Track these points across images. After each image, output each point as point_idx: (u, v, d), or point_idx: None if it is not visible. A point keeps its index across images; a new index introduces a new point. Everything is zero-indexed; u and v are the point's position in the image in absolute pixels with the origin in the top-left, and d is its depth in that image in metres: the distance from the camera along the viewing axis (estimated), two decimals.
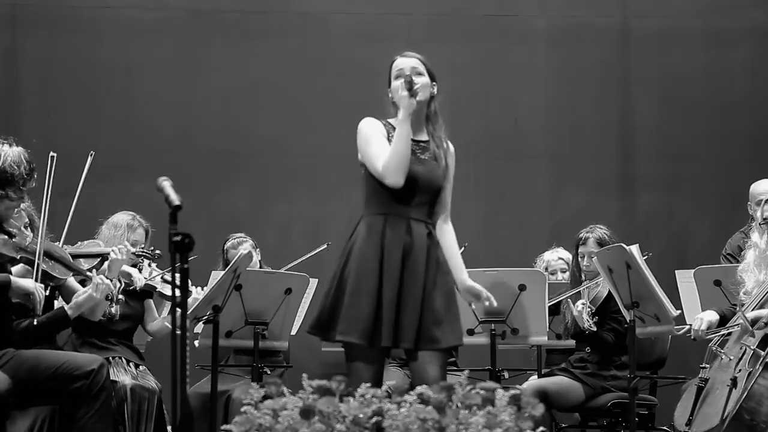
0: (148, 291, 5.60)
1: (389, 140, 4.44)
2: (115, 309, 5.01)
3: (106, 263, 5.23)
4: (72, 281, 5.31)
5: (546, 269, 6.33)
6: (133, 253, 5.42)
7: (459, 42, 7.85)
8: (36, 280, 4.85)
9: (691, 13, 8.02)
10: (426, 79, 4.50)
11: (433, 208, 4.48)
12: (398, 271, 4.33)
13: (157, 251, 5.46)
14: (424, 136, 4.52)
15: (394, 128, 4.44)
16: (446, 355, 4.42)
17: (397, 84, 4.46)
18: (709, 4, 8.04)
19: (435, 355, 4.31)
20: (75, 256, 5.13)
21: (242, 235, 6.50)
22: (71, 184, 7.43)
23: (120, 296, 4.99)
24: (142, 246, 5.59)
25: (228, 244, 6.42)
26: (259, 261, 6.53)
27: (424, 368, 4.29)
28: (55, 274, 4.95)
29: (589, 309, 5.76)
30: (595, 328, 5.73)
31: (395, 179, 4.36)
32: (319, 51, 7.88)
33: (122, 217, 5.78)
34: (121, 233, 5.64)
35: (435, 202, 4.48)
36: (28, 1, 7.79)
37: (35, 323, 4.84)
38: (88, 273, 5.07)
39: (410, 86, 4.40)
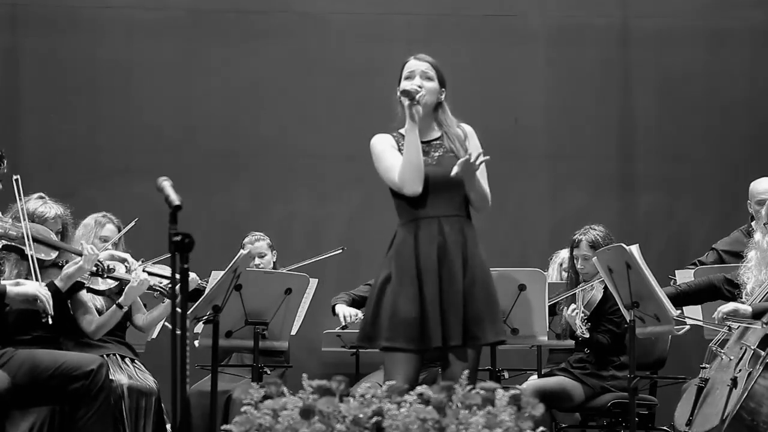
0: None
1: (400, 151, 4.48)
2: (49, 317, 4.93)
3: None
4: (85, 295, 5.33)
5: (560, 265, 6.36)
6: (151, 287, 5.42)
7: (459, 42, 7.85)
8: (35, 273, 4.82)
9: (691, 13, 8.02)
10: (434, 84, 4.52)
11: (464, 199, 4.52)
12: (436, 271, 4.39)
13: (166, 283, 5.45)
14: (434, 134, 4.54)
15: (404, 137, 4.48)
16: (479, 353, 4.48)
17: (406, 84, 4.50)
18: (709, 4, 8.04)
19: (473, 352, 4.40)
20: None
21: (260, 234, 6.53)
22: (71, 184, 7.46)
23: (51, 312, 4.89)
24: (160, 282, 5.52)
25: (246, 239, 6.46)
26: (274, 262, 6.54)
27: (461, 365, 4.33)
28: (41, 257, 4.94)
29: (582, 314, 5.76)
30: (587, 335, 5.74)
31: (412, 188, 4.42)
32: (319, 51, 7.88)
33: (92, 216, 5.73)
34: (89, 231, 5.60)
35: (463, 192, 4.50)
36: (28, 1, 7.79)
37: (50, 322, 4.80)
38: (76, 249, 5.07)
39: (410, 96, 4.42)
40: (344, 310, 6.12)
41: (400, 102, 4.51)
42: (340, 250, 6.55)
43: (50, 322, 4.74)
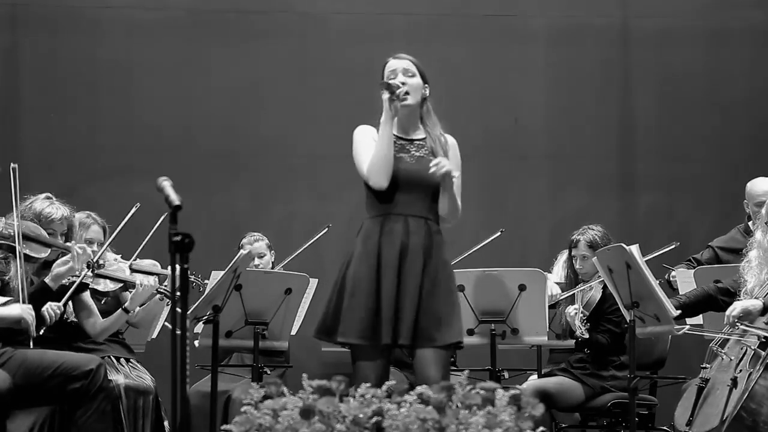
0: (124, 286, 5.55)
1: None
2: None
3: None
4: (86, 296, 5.32)
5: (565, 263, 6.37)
6: (157, 290, 5.42)
7: (459, 42, 7.85)
8: (20, 267, 4.83)
9: (691, 13, 8.02)
10: (417, 80, 4.53)
11: (434, 203, 4.49)
12: (395, 269, 4.37)
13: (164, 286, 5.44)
14: (420, 134, 4.54)
15: None
16: (448, 354, 4.44)
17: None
18: (709, 4, 8.04)
19: (435, 354, 4.34)
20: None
21: (259, 234, 6.52)
22: (71, 184, 7.46)
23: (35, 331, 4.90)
24: (116, 258, 5.51)
25: (244, 240, 6.45)
26: (272, 262, 6.53)
27: (425, 367, 4.31)
28: (32, 254, 4.95)
29: (581, 315, 5.77)
30: (587, 335, 5.74)
31: (377, 181, 4.42)
32: (319, 51, 7.88)
33: (77, 216, 5.72)
34: (74, 232, 5.59)
35: (436, 197, 4.49)
36: (28, 1, 7.79)
37: (34, 335, 4.83)
38: (68, 245, 5.07)
39: (390, 89, 4.42)
40: None
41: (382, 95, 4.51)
42: (326, 229, 6.55)
43: (31, 345, 4.80)
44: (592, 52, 8.00)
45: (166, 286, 5.42)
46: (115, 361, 5.46)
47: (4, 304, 4.77)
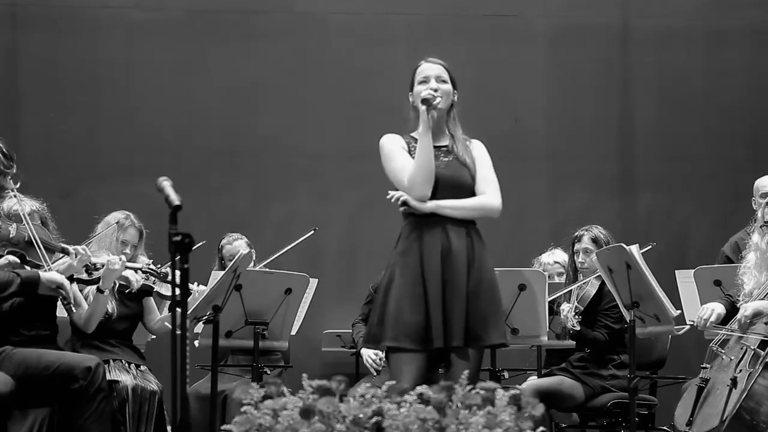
0: (146, 290, 5.58)
1: (411, 154, 4.49)
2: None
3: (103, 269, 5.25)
4: (73, 287, 5.33)
5: (543, 272, 6.35)
6: (140, 269, 5.42)
7: (459, 42, 7.85)
8: (48, 265, 4.86)
9: (691, 13, 8.03)
10: (448, 86, 4.54)
11: None
12: (439, 273, 4.41)
13: (164, 270, 5.44)
14: (445, 141, 4.56)
15: (415, 141, 4.50)
16: (482, 354, 4.52)
17: (420, 89, 4.50)
18: (709, 4, 8.04)
19: (477, 354, 4.44)
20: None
21: (237, 234, 6.50)
22: (71, 184, 7.47)
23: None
24: (148, 263, 5.54)
25: (223, 241, 6.42)
26: (254, 261, 6.53)
27: (462, 364, 4.37)
28: (41, 262, 4.96)
29: (576, 309, 5.77)
30: (578, 328, 5.75)
31: (421, 192, 4.45)
32: (319, 51, 7.88)
33: (115, 215, 5.74)
34: (111, 231, 5.61)
35: (469, 197, 4.53)
36: (28, 1, 7.79)
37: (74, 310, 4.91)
38: (66, 247, 5.08)
39: (429, 103, 4.43)
40: (369, 356, 6.14)
41: (414, 107, 4.53)
42: (312, 232, 6.54)
43: (74, 310, 4.87)
44: (592, 52, 8.00)
45: (155, 267, 5.42)
46: (125, 364, 5.48)
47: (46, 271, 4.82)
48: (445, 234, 4.44)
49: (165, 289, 5.45)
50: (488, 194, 4.54)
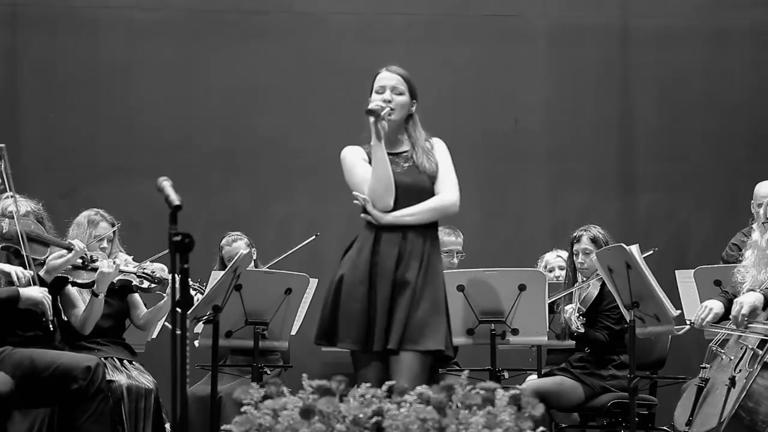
0: (126, 286, 5.54)
1: (371, 163, 4.51)
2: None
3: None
4: (73, 290, 5.32)
5: (545, 267, 6.37)
6: (135, 273, 5.40)
7: (459, 42, 7.85)
8: (27, 268, 4.87)
9: (691, 13, 8.02)
10: (404, 98, 4.53)
11: None
12: (391, 274, 4.42)
13: (158, 275, 5.42)
14: (404, 147, 4.57)
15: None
16: (425, 362, 4.41)
17: (375, 98, 4.52)
18: (709, 4, 8.04)
19: (416, 358, 4.36)
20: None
21: (238, 233, 6.49)
22: (71, 184, 7.47)
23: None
24: (144, 269, 5.51)
25: (223, 241, 6.41)
26: (255, 260, 6.52)
27: (402, 368, 4.33)
28: (35, 256, 4.96)
29: (579, 310, 5.77)
30: (582, 330, 5.74)
31: (383, 203, 4.48)
32: (319, 51, 7.88)
33: (84, 214, 5.70)
34: (83, 230, 5.59)
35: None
36: (28, 1, 7.79)
37: (51, 327, 4.89)
38: (70, 242, 5.08)
39: (375, 114, 4.44)
40: None
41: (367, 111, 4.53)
42: (314, 237, 6.55)
43: (51, 327, 4.88)
44: (592, 52, 8.00)
45: (149, 272, 5.41)
46: (117, 362, 5.46)
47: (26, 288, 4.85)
48: (403, 236, 4.45)
49: (144, 284, 5.42)
50: (443, 192, 4.53)
